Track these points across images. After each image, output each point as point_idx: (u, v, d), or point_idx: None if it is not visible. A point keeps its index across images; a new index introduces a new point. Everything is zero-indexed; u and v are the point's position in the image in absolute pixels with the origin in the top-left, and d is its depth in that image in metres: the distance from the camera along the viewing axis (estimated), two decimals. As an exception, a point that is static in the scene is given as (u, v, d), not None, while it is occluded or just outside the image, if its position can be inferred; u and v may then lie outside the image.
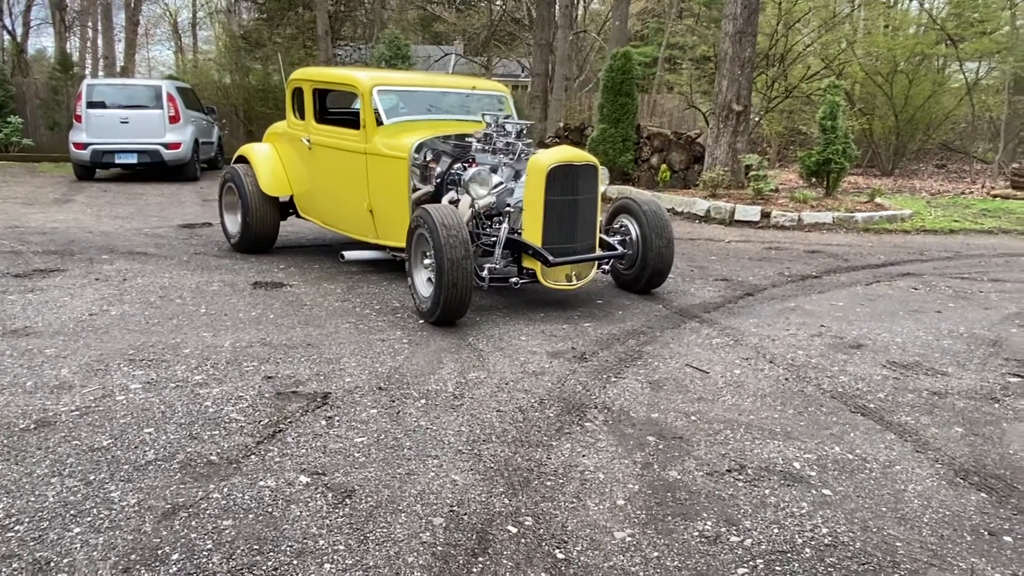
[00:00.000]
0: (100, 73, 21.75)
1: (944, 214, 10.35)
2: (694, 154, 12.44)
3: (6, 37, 28.21)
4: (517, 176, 5.15)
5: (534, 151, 5.06)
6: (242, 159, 6.79)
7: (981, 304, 5.55)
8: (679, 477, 2.77)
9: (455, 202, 5.27)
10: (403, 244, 5.04)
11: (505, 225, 4.90)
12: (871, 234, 9.15)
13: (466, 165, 5.40)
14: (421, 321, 4.67)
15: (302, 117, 6.31)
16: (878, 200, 10.51)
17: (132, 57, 29.21)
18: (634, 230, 5.44)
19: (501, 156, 5.26)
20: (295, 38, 21.05)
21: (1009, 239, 8.86)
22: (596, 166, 5.00)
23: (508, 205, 5.04)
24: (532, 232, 4.82)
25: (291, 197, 6.62)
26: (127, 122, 12.79)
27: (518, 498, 2.58)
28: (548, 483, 2.70)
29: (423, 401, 3.40)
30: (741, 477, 2.78)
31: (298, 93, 6.34)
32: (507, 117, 5.49)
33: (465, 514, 2.48)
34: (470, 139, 5.54)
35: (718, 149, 11.54)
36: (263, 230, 6.59)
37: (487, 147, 5.36)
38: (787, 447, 3.04)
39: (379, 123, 5.59)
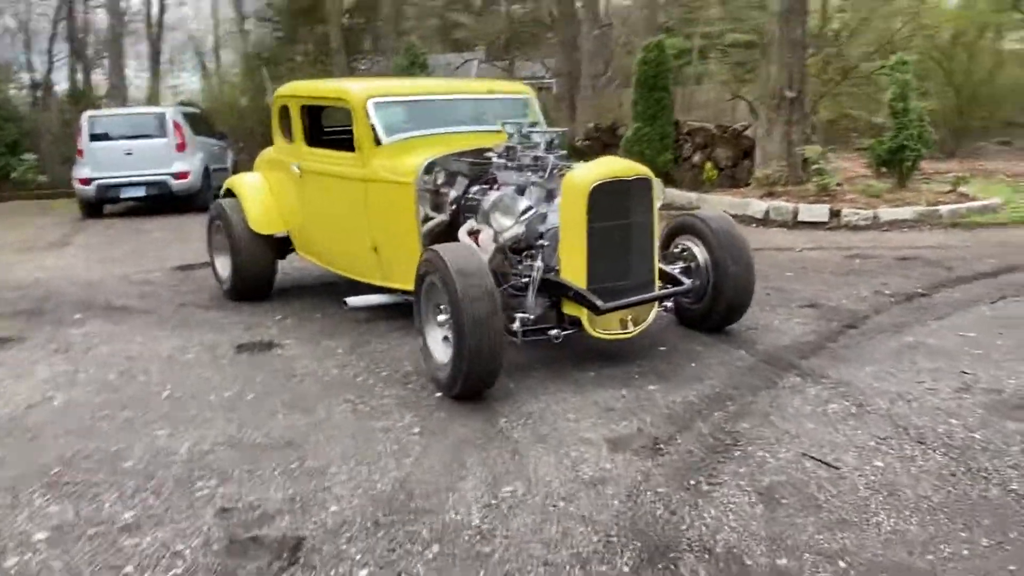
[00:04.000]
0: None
1: (1042, 200, 9.01)
2: (742, 148, 11.21)
3: (25, 75, 28.06)
4: (550, 197, 4.09)
5: (570, 165, 4.00)
6: (230, 192, 5.84)
7: None
8: None
9: (474, 233, 4.22)
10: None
11: (539, 263, 3.84)
12: (961, 230, 7.88)
13: (486, 188, 4.36)
14: (438, 394, 3.63)
15: (291, 140, 5.34)
16: (962, 189, 9.20)
17: (156, 87, 28.87)
18: (700, 255, 4.35)
19: (529, 174, 4.21)
20: (308, 55, 20.32)
21: None
22: (650, 179, 3.92)
23: (541, 235, 3.98)
24: (573, 269, 3.75)
25: (288, 233, 5.65)
26: (131, 153, 12.01)
27: None
28: None
29: (435, 547, 2.35)
30: None
31: (285, 112, 5.37)
32: (532, 125, 4.45)
33: None
34: (490, 154, 4.49)
35: (770, 142, 10.32)
36: (256, 274, 5.62)
37: (511, 163, 4.32)
38: (1009, 624, 1.93)
39: (378, 142, 4.57)
